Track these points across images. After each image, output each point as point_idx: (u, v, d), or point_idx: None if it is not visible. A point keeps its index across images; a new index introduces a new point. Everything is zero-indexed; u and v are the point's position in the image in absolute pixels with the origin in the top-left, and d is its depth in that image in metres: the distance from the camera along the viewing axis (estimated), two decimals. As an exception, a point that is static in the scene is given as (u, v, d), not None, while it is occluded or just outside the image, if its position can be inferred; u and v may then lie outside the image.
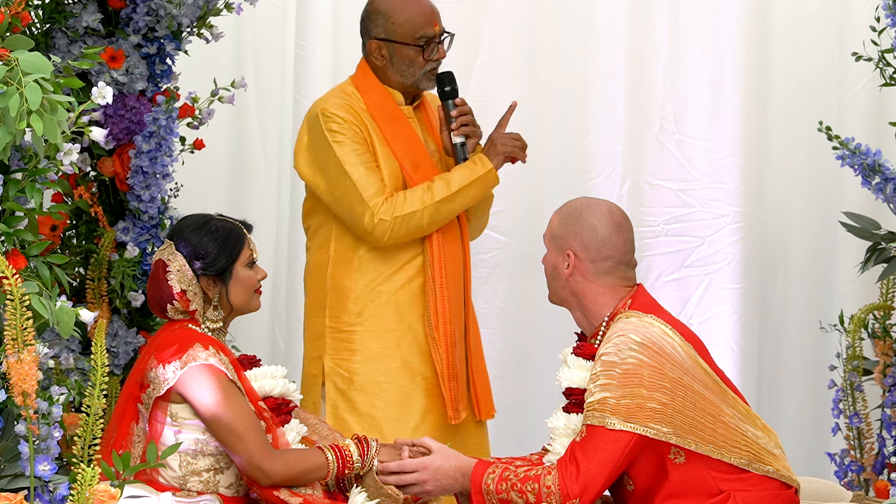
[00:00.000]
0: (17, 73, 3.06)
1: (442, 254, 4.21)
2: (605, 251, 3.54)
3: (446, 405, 4.18)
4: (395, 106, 4.26)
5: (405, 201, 4.14)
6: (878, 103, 5.13)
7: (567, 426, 3.50)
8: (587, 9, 5.43)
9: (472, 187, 4.19)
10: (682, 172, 5.42)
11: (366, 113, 4.23)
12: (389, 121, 4.24)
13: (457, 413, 4.18)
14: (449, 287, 4.21)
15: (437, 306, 4.19)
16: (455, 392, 4.19)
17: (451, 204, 4.18)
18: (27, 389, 3.04)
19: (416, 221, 4.14)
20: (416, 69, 4.24)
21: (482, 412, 4.27)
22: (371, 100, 4.24)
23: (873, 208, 4.58)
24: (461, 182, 4.18)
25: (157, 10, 4.17)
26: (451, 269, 4.23)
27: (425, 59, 4.24)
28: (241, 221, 3.63)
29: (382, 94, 4.26)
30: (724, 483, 3.41)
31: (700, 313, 5.39)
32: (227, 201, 5.29)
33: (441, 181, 4.18)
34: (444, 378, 4.18)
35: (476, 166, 4.21)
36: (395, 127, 4.24)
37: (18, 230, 3.27)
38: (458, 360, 4.20)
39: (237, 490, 3.50)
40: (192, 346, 3.43)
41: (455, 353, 4.19)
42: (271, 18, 5.36)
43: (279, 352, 5.40)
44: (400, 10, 4.24)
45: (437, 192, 4.15)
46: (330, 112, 4.18)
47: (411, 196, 4.15)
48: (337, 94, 4.28)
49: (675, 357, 3.41)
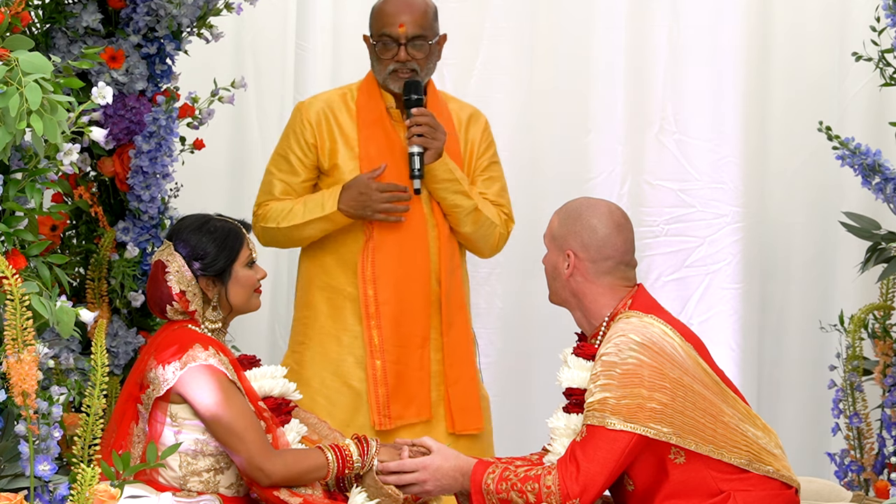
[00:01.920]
0: (17, 73, 3.06)
1: (374, 259, 4.21)
2: (605, 251, 3.53)
3: (371, 410, 4.18)
4: (380, 108, 4.27)
5: (268, 215, 4.26)
6: (878, 103, 5.13)
7: (567, 426, 3.49)
8: (587, 9, 5.43)
9: (318, 223, 4.21)
10: (682, 172, 5.42)
11: (347, 112, 4.24)
12: (369, 122, 4.27)
13: (386, 419, 4.17)
14: (399, 290, 4.20)
15: (367, 310, 4.20)
16: (385, 397, 4.17)
17: (301, 232, 4.24)
18: (27, 389, 3.04)
19: (275, 236, 4.28)
20: (382, 67, 4.24)
21: (457, 424, 4.24)
22: (362, 100, 4.28)
23: (873, 208, 4.58)
24: (308, 216, 4.21)
25: (157, 10, 4.17)
26: (405, 273, 4.21)
27: (378, 57, 4.23)
28: (240, 221, 3.63)
29: (373, 95, 4.28)
30: (724, 483, 3.41)
31: (700, 313, 5.39)
32: (226, 201, 5.29)
33: (300, 206, 4.22)
34: (369, 383, 4.19)
35: (326, 203, 4.19)
36: (372, 129, 4.26)
37: (18, 230, 3.27)
38: (403, 365, 4.19)
39: (237, 490, 3.50)
40: (192, 346, 3.43)
41: (391, 358, 4.19)
42: (271, 18, 5.37)
43: (279, 352, 5.40)
44: (377, 6, 4.29)
45: (293, 216, 4.21)
46: (302, 109, 4.32)
47: (274, 212, 4.25)
48: (336, 90, 4.36)
49: (675, 357, 3.41)
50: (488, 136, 4.40)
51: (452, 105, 4.39)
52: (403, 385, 4.19)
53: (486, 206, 4.30)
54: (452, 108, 4.37)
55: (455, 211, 4.25)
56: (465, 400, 4.25)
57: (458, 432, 4.23)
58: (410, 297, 4.21)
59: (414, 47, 4.21)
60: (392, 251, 4.20)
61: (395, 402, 4.18)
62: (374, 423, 4.17)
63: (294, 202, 4.25)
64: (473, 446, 4.22)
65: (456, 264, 4.31)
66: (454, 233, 4.29)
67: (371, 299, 4.20)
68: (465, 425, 4.24)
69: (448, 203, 4.25)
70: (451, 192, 4.23)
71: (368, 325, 4.20)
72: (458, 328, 4.28)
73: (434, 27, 4.25)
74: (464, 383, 4.26)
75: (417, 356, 4.21)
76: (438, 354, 4.25)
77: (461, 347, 4.28)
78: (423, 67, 4.23)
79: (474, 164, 4.35)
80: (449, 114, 4.34)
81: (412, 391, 4.20)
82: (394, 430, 4.17)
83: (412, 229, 4.22)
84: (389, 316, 4.20)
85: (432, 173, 4.21)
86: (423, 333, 4.22)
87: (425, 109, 4.18)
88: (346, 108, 4.29)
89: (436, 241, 4.25)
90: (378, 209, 4.16)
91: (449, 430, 4.23)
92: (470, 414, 4.25)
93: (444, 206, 4.25)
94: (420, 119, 4.15)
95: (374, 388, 4.17)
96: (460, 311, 4.30)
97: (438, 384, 4.25)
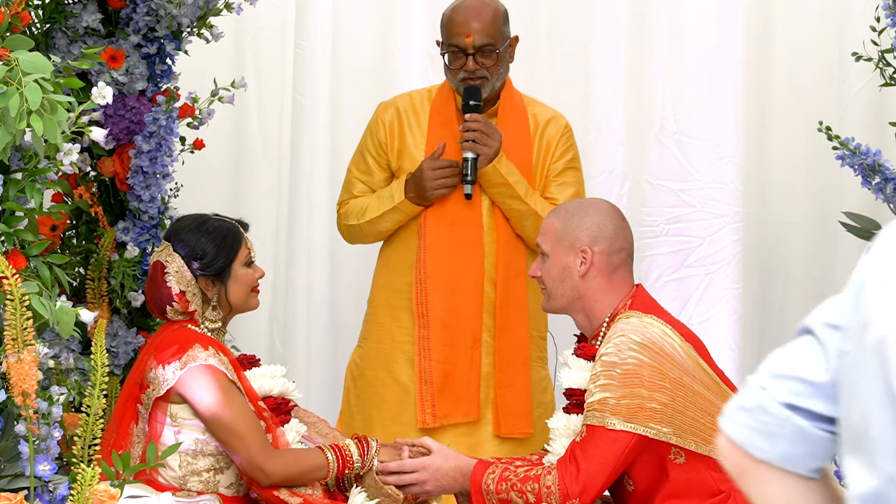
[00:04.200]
0: (17, 73, 3.06)
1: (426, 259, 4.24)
2: (617, 243, 3.54)
3: (416, 407, 4.21)
4: (451, 110, 4.31)
5: (349, 213, 4.34)
6: (878, 103, 5.13)
7: (567, 426, 3.49)
8: (587, 9, 5.43)
9: (390, 215, 4.28)
10: (682, 172, 5.42)
11: (424, 112, 4.32)
12: (440, 123, 4.31)
13: (431, 416, 4.19)
14: (450, 291, 4.23)
15: (419, 309, 4.25)
16: (431, 396, 4.19)
17: (378, 226, 4.30)
18: (27, 389, 3.04)
19: (357, 233, 4.36)
20: (453, 75, 4.27)
21: (503, 427, 4.25)
22: (438, 101, 4.34)
23: (873, 208, 4.57)
24: (381, 208, 4.28)
25: (157, 10, 4.16)
26: (457, 274, 4.24)
27: (449, 68, 4.25)
28: (238, 220, 3.63)
29: (448, 97, 4.33)
30: (724, 483, 3.41)
31: (700, 313, 5.39)
32: (227, 201, 5.29)
33: (374, 200, 4.30)
34: (416, 381, 4.23)
35: (395, 194, 4.26)
36: (442, 129, 4.31)
37: (18, 230, 3.27)
38: (452, 365, 4.22)
39: (237, 490, 3.50)
40: (192, 346, 3.43)
41: (438, 357, 4.21)
42: (271, 18, 5.36)
43: (277, 352, 5.40)
44: (446, 14, 4.31)
45: (369, 211, 4.29)
46: (378, 108, 4.42)
47: (356, 208, 4.32)
48: (419, 90, 4.45)
49: (675, 357, 3.40)
50: (567, 140, 4.39)
51: (533, 108, 4.39)
52: (451, 385, 4.22)
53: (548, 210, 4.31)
54: (532, 112, 4.38)
55: (514, 215, 4.28)
56: (514, 404, 4.27)
57: (503, 435, 4.26)
58: (461, 298, 4.25)
59: (483, 55, 4.22)
60: (444, 253, 4.25)
61: (441, 400, 4.22)
62: (419, 420, 4.21)
63: (369, 198, 4.32)
64: (518, 450, 4.23)
65: (519, 268, 4.31)
66: (520, 237, 4.32)
67: (422, 298, 4.24)
68: (511, 429, 4.26)
69: (506, 208, 4.28)
70: (506, 196, 4.25)
71: (419, 323, 4.26)
72: (515, 332, 4.29)
73: (504, 32, 4.27)
74: (516, 387, 4.27)
75: (468, 357, 4.24)
76: (490, 357, 4.27)
77: (516, 352, 4.29)
78: (494, 74, 4.25)
79: (548, 167, 4.36)
80: (525, 117, 4.35)
81: (460, 391, 4.23)
82: (439, 428, 4.21)
83: (467, 232, 4.26)
84: (438, 316, 4.25)
85: (486, 178, 4.24)
86: (474, 335, 4.25)
87: (479, 115, 4.21)
88: (423, 108, 4.34)
89: (493, 244, 4.28)
90: (432, 186, 4.20)
91: (495, 432, 4.26)
92: (518, 418, 4.27)
93: (504, 211, 4.29)
94: (472, 125, 4.19)
95: (420, 385, 4.22)
96: (519, 315, 4.30)
97: (488, 386, 4.27)
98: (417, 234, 4.28)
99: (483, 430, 4.24)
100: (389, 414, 4.26)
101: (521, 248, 4.33)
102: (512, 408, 4.26)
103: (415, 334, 4.26)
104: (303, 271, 5.41)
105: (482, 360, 4.26)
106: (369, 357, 4.35)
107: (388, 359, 4.30)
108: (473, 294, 4.25)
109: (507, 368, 4.27)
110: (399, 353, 4.29)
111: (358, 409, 4.29)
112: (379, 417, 4.26)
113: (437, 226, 4.25)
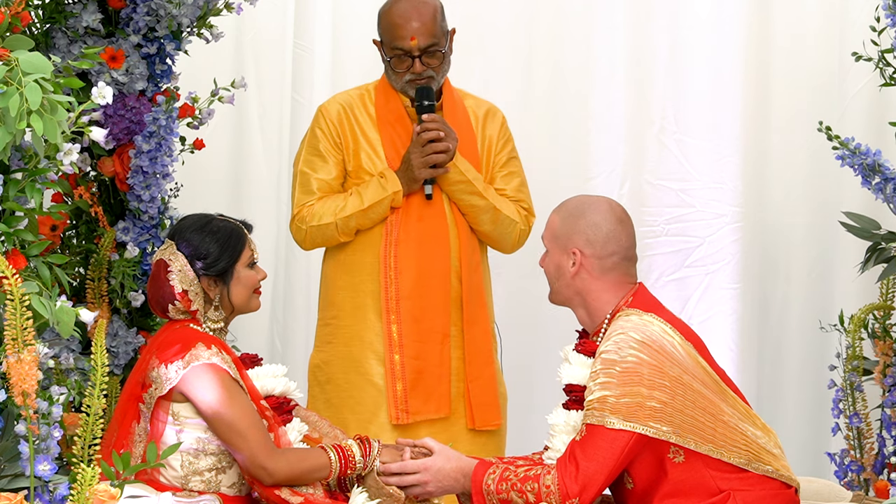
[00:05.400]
0: (17, 73, 3.06)
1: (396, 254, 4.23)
2: (609, 247, 3.53)
3: (388, 404, 4.20)
4: (399, 108, 4.28)
5: (321, 212, 4.23)
6: (878, 103, 5.13)
7: (567, 423, 3.49)
8: (587, 9, 5.43)
9: (382, 204, 4.22)
10: (682, 172, 5.42)
11: (367, 113, 4.25)
12: (389, 122, 4.27)
13: (405, 413, 4.19)
14: (420, 286, 4.22)
15: (389, 305, 4.22)
16: (404, 392, 4.19)
17: (363, 218, 4.23)
18: (27, 389, 3.04)
19: (329, 232, 4.25)
20: (399, 77, 4.24)
21: (477, 420, 4.25)
22: (380, 101, 4.29)
23: (873, 208, 4.58)
24: (372, 199, 4.21)
25: (157, 10, 4.17)
26: (426, 269, 4.23)
27: (393, 71, 4.23)
28: (242, 221, 3.63)
29: (390, 96, 4.29)
30: (723, 482, 3.41)
31: (700, 313, 5.39)
32: (227, 201, 5.29)
33: (356, 196, 4.22)
34: (387, 378, 4.21)
35: (387, 185, 4.21)
36: (394, 128, 4.27)
37: (18, 230, 3.27)
38: (423, 361, 4.21)
39: (239, 490, 3.50)
40: (195, 345, 3.43)
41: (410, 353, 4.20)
42: (271, 18, 5.37)
43: (278, 352, 5.40)
44: (386, 15, 4.27)
45: (349, 206, 4.20)
46: (323, 110, 4.32)
47: (327, 207, 4.23)
48: (353, 90, 4.37)
49: (674, 355, 3.40)
50: (506, 131, 4.40)
51: (469, 101, 4.39)
52: (422, 380, 4.21)
53: (504, 204, 4.30)
54: (469, 105, 4.37)
55: (472, 211, 4.28)
56: (484, 396, 4.27)
57: (477, 428, 4.25)
58: (431, 293, 4.23)
59: (428, 56, 4.21)
60: (413, 247, 4.23)
61: (413, 397, 4.20)
62: (392, 417, 4.19)
63: (342, 196, 4.25)
64: (490, 442, 4.25)
65: (476, 262, 4.32)
66: (474, 231, 4.31)
67: (392, 294, 4.22)
68: (485, 421, 4.26)
69: (464, 204, 4.27)
70: (465, 193, 4.26)
71: (388, 319, 4.23)
72: (479, 325, 4.30)
73: (444, 28, 4.25)
74: (484, 380, 4.28)
75: (437, 352, 4.23)
76: (459, 351, 4.27)
77: (481, 344, 4.29)
78: (440, 72, 4.24)
79: (493, 160, 4.36)
80: (465, 111, 4.34)
81: (431, 387, 4.22)
82: (412, 425, 4.19)
83: (433, 227, 4.25)
84: (409, 311, 4.22)
85: (445, 176, 4.23)
86: (443, 330, 4.24)
87: (436, 115, 4.20)
88: (365, 109, 4.30)
89: (456, 239, 4.27)
90: (418, 165, 4.17)
91: (469, 425, 4.25)
92: (489, 410, 4.27)
93: (460, 207, 4.28)
94: (430, 125, 4.17)
95: (392, 382, 4.20)
96: (481, 308, 4.31)
97: (458, 380, 4.26)
98: (385, 232, 4.24)
99: (456, 424, 4.24)
100: (366, 415, 4.22)
101: (476, 243, 4.34)
102: (483, 400, 4.26)
103: (383, 331, 4.24)
104: (303, 271, 5.42)
105: (451, 355, 4.25)
106: (336, 361, 4.29)
107: (359, 361, 4.25)
108: (441, 289, 4.24)
109: (475, 361, 4.27)
110: (370, 353, 4.24)
111: (329, 414, 4.21)
112: (354, 420, 4.21)
113: (405, 223, 4.23)
